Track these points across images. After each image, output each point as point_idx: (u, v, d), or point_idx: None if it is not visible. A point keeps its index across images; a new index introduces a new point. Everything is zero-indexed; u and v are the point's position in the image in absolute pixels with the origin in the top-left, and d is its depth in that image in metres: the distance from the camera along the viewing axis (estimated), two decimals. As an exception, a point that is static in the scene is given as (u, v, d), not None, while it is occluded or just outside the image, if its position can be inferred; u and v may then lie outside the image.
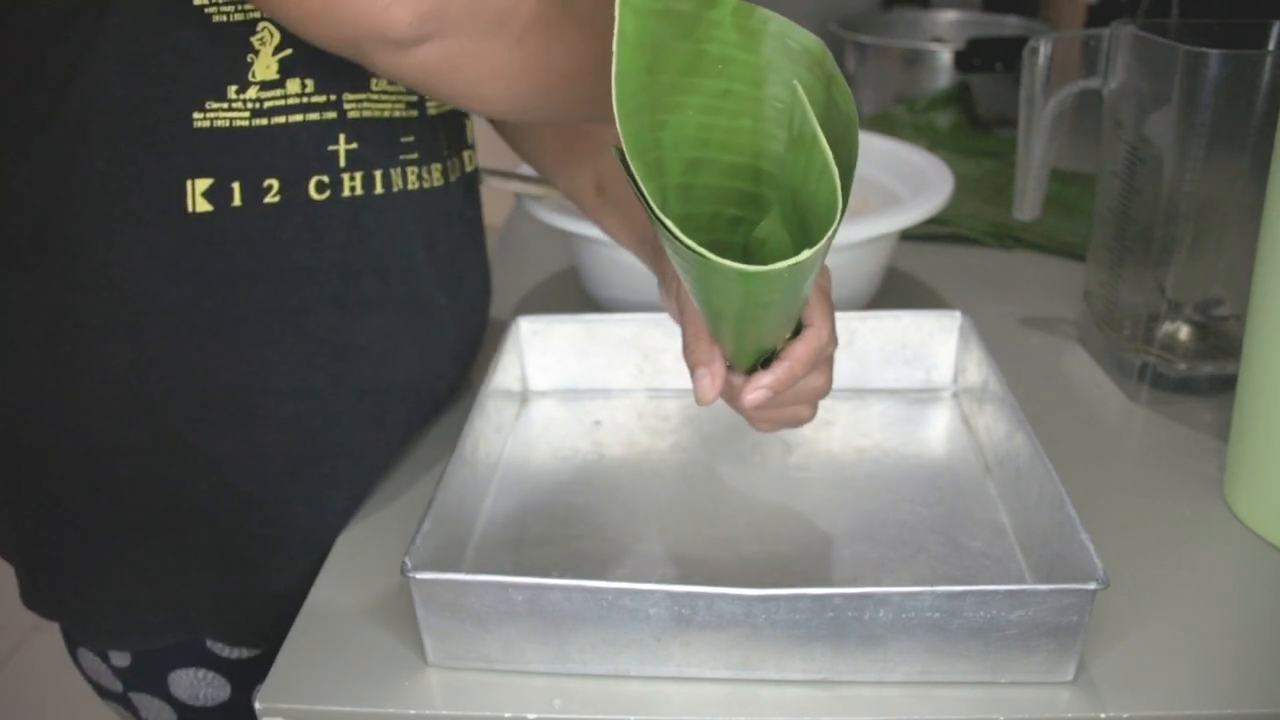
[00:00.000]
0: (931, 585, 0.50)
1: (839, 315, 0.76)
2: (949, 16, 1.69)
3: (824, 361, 0.62)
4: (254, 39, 0.58)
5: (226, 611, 0.68)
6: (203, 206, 0.60)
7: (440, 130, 0.70)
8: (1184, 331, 0.79)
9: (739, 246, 0.58)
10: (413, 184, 0.67)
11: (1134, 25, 0.75)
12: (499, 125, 0.84)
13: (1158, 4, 1.34)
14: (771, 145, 0.53)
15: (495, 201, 1.53)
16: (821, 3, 1.78)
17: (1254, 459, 0.64)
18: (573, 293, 0.97)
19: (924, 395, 0.77)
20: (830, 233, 0.46)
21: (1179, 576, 0.61)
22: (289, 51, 0.59)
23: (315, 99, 0.61)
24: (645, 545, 0.63)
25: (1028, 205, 0.86)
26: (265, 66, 0.59)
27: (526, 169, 0.93)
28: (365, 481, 0.69)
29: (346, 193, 0.63)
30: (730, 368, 0.61)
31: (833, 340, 0.61)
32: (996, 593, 0.50)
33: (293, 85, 0.60)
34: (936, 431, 0.74)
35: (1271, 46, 0.74)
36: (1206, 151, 0.71)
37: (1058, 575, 0.55)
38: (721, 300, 0.52)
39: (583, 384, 0.79)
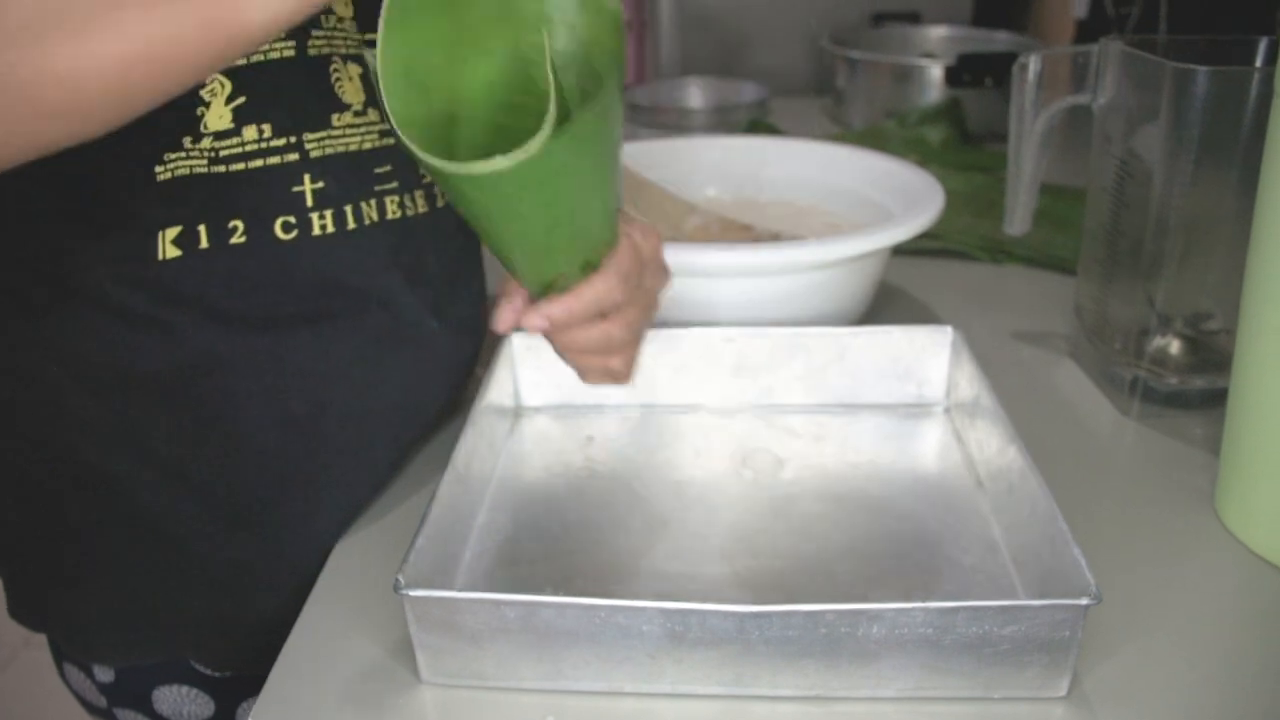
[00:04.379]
0: (924, 601, 0.50)
1: (831, 330, 0.76)
2: (939, 32, 1.70)
3: (615, 311, 0.60)
4: (203, 91, 0.57)
5: (209, 634, 0.68)
6: (172, 253, 0.59)
7: None
8: (1175, 345, 0.79)
9: None
10: (393, 213, 0.66)
11: (1122, 42, 0.75)
12: None
13: (1146, 19, 1.35)
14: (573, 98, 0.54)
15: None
16: (813, 18, 1.79)
17: (1245, 472, 0.64)
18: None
19: (916, 410, 0.78)
20: (540, 137, 0.46)
21: (1171, 590, 0.61)
22: (242, 100, 0.58)
23: (274, 143, 0.60)
24: (638, 561, 0.63)
25: (1018, 220, 0.87)
26: (218, 117, 0.58)
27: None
28: (352, 506, 0.68)
29: (316, 231, 0.62)
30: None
31: (620, 291, 0.59)
32: (989, 608, 0.50)
33: (249, 132, 0.59)
34: (929, 446, 0.74)
35: (1259, 63, 0.74)
36: (1195, 166, 0.71)
37: (1050, 590, 0.55)
38: (470, 210, 0.52)
39: (576, 400, 0.79)
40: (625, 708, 0.53)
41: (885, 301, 0.96)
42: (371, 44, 0.63)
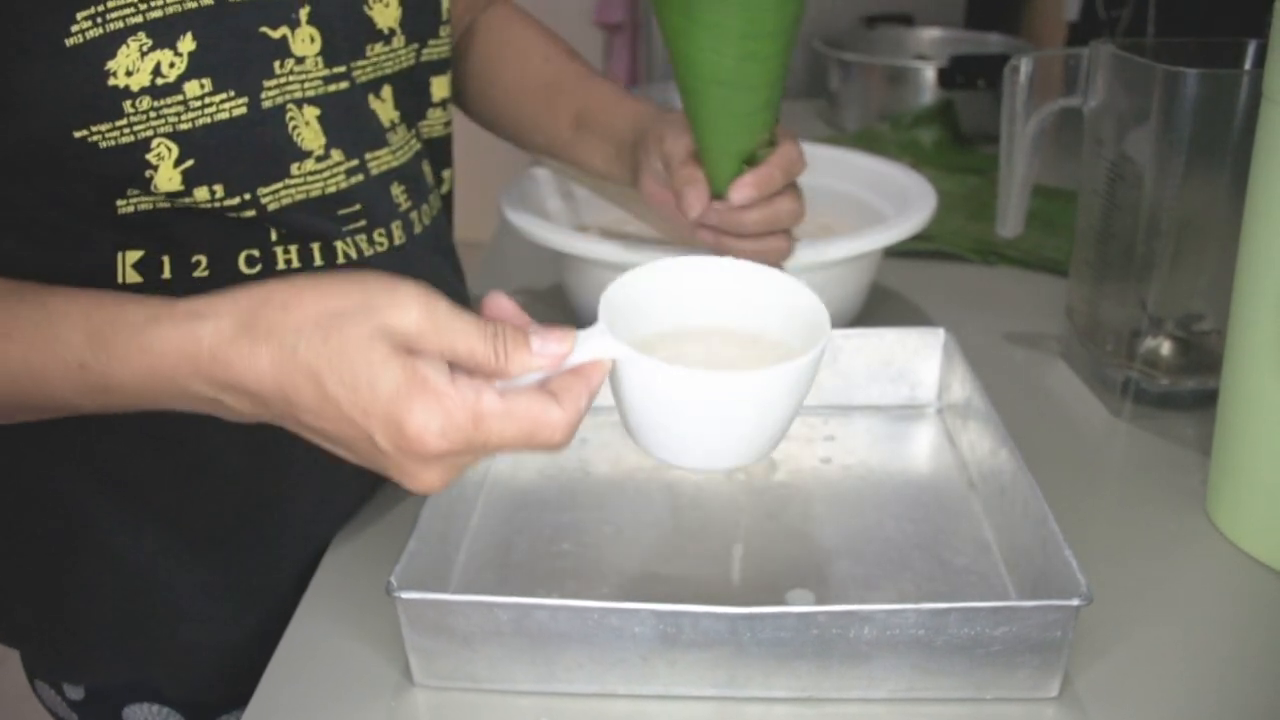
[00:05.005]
0: (916, 602, 0.51)
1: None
2: (932, 34, 1.70)
3: (794, 187, 0.70)
4: (149, 155, 0.55)
5: (176, 657, 0.67)
6: (133, 278, 0.58)
7: (401, 181, 0.67)
8: (1166, 346, 0.79)
9: None
10: (365, 250, 0.64)
11: (1113, 45, 0.75)
12: (470, 109, 0.86)
13: (1136, 21, 1.35)
14: None
15: (480, 218, 1.53)
16: (805, 20, 1.79)
17: (1236, 473, 0.65)
18: (558, 310, 0.97)
19: (908, 412, 0.78)
20: None
21: (1163, 591, 0.61)
22: (191, 163, 0.56)
23: (228, 202, 0.58)
24: (631, 563, 0.63)
25: (1010, 222, 0.87)
26: (167, 179, 0.56)
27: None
28: (319, 530, 0.67)
29: (281, 265, 0.61)
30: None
31: (801, 159, 0.69)
32: (981, 609, 0.50)
33: (201, 193, 0.57)
34: (921, 448, 0.74)
35: (1248, 65, 0.75)
36: (1186, 168, 0.72)
37: (1042, 591, 0.55)
38: (713, 52, 0.63)
39: (569, 402, 0.79)
40: (618, 709, 0.53)
41: (878, 303, 0.96)
42: (335, 78, 0.62)
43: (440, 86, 0.73)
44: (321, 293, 0.45)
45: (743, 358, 0.53)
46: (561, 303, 0.97)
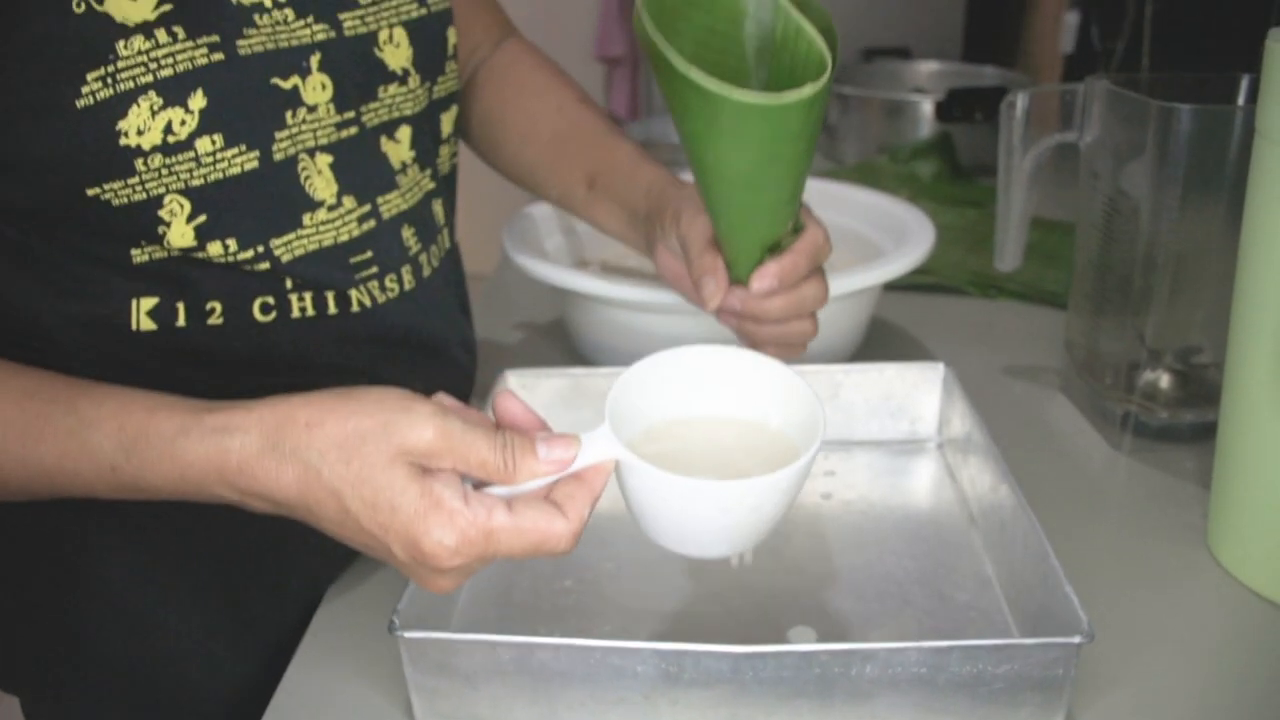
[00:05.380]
0: (918, 640, 0.51)
1: (823, 367, 0.77)
2: (929, 67, 1.71)
3: (818, 271, 0.68)
4: (161, 212, 0.56)
5: (180, 702, 0.66)
6: (147, 325, 0.59)
7: (411, 224, 0.68)
8: (1165, 380, 0.80)
9: None
10: (379, 297, 0.65)
11: (1108, 80, 0.76)
12: (478, 151, 0.86)
13: (1130, 54, 1.36)
14: (752, 84, 0.61)
15: (484, 251, 1.53)
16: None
17: (1236, 506, 0.65)
18: (560, 344, 0.98)
19: (908, 447, 0.78)
20: (829, 71, 0.55)
21: (1165, 626, 0.61)
22: (203, 218, 0.57)
23: (242, 255, 0.59)
24: (632, 599, 0.63)
25: (1008, 256, 0.87)
26: (180, 235, 0.56)
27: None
28: (323, 574, 0.67)
29: (295, 313, 0.62)
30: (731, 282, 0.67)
31: (827, 244, 0.67)
32: (982, 647, 0.50)
33: (214, 248, 0.58)
34: (921, 483, 0.74)
35: (1241, 100, 0.75)
36: (1182, 202, 0.72)
37: (1043, 628, 0.55)
38: (736, 157, 0.60)
39: (570, 438, 0.79)
40: (620, 749, 0.53)
41: (877, 337, 0.96)
42: (346, 124, 0.63)
43: (449, 122, 0.73)
44: (343, 414, 0.48)
45: (742, 448, 0.56)
46: (563, 336, 0.97)
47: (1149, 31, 1.32)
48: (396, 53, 0.65)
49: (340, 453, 0.47)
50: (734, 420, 0.57)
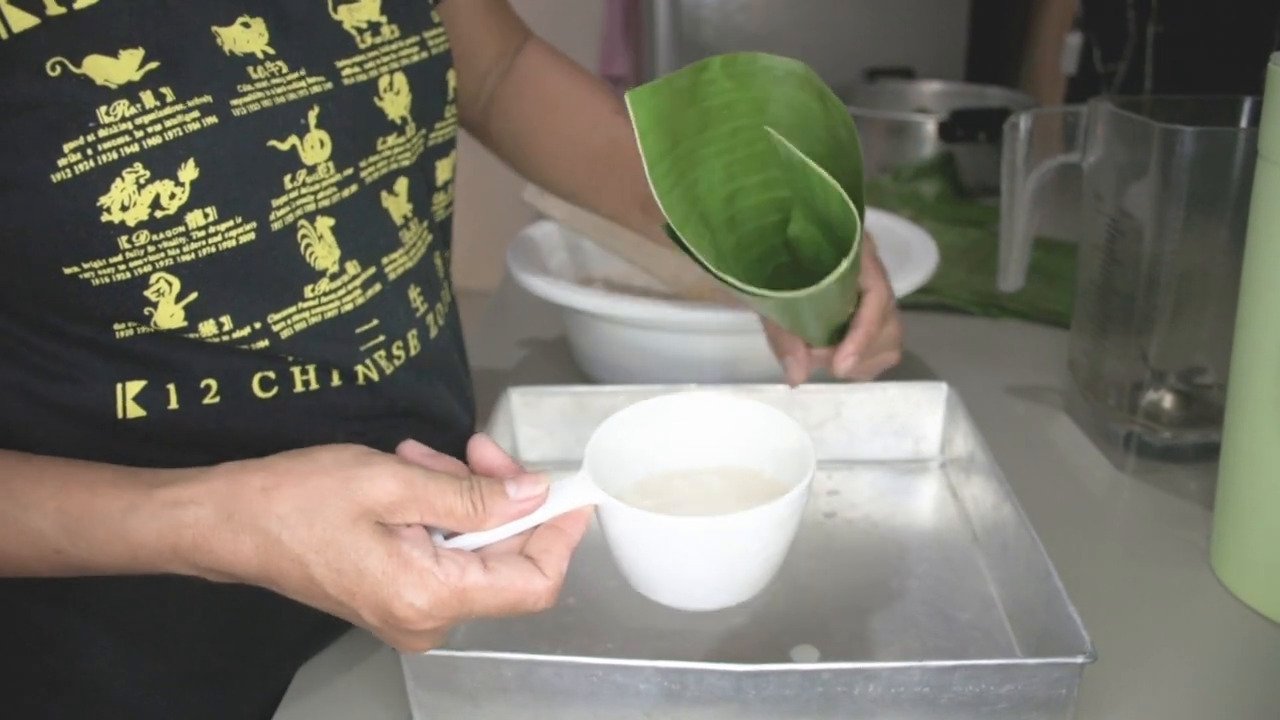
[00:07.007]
0: (921, 659, 0.51)
1: (827, 387, 0.77)
2: (933, 88, 1.72)
3: (890, 313, 0.71)
4: (148, 292, 0.51)
5: None
6: (135, 412, 0.54)
7: (417, 283, 0.64)
8: (1168, 400, 0.80)
9: (785, 245, 0.66)
10: (385, 368, 0.61)
11: (1111, 102, 0.76)
12: (520, 171, 0.83)
13: (1133, 74, 1.37)
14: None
15: (487, 268, 1.54)
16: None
17: (1239, 526, 0.65)
18: (564, 361, 0.98)
19: (912, 466, 0.78)
20: (857, 242, 0.54)
21: (1168, 646, 0.61)
22: (194, 296, 0.52)
23: (237, 334, 0.54)
24: (635, 617, 0.63)
25: (1011, 276, 0.87)
26: (168, 315, 0.52)
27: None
28: (311, 647, 0.63)
29: (299, 387, 0.58)
30: (812, 347, 0.71)
31: (892, 297, 0.70)
32: (985, 667, 0.50)
33: (206, 328, 0.53)
34: (924, 502, 0.75)
35: (1243, 122, 0.76)
36: (1184, 223, 0.72)
37: (1046, 648, 0.55)
38: (791, 311, 0.62)
39: (573, 455, 0.79)
40: (623, 767, 0.53)
41: (881, 356, 0.96)
42: (346, 182, 0.58)
43: (444, 170, 0.69)
44: (300, 475, 0.46)
45: (737, 498, 0.56)
46: (567, 354, 0.98)
47: (1151, 53, 1.32)
48: (396, 101, 0.61)
49: (301, 516, 0.45)
50: (726, 470, 0.57)
